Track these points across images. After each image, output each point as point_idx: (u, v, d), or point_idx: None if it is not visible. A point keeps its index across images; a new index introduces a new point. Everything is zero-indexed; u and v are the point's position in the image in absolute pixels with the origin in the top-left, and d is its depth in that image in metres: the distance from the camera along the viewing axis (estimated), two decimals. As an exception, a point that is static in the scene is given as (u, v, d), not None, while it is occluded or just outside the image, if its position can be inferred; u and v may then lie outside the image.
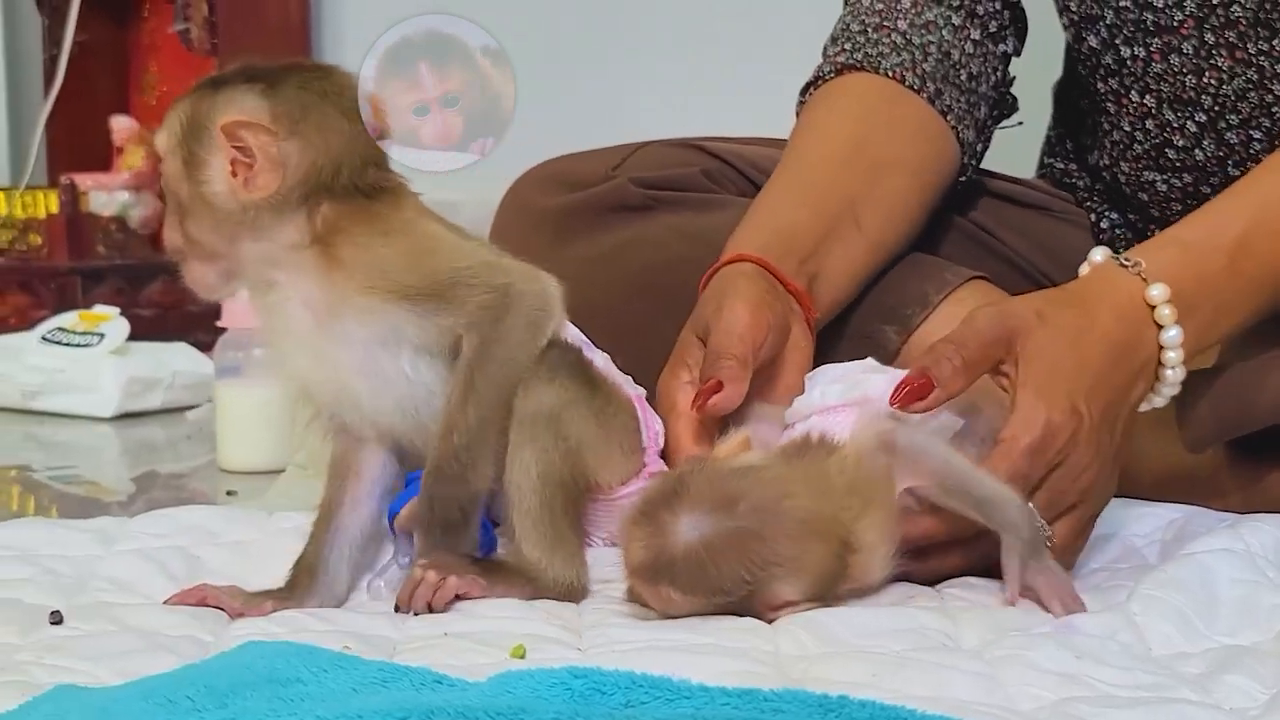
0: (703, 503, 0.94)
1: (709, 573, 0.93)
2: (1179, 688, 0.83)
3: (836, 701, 0.72)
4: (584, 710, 0.71)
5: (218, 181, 1.01)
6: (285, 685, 0.77)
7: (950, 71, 1.27)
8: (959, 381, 0.98)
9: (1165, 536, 1.11)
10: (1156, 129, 1.25)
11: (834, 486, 0.96)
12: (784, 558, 0.94)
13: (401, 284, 1.00)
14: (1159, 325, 1.03)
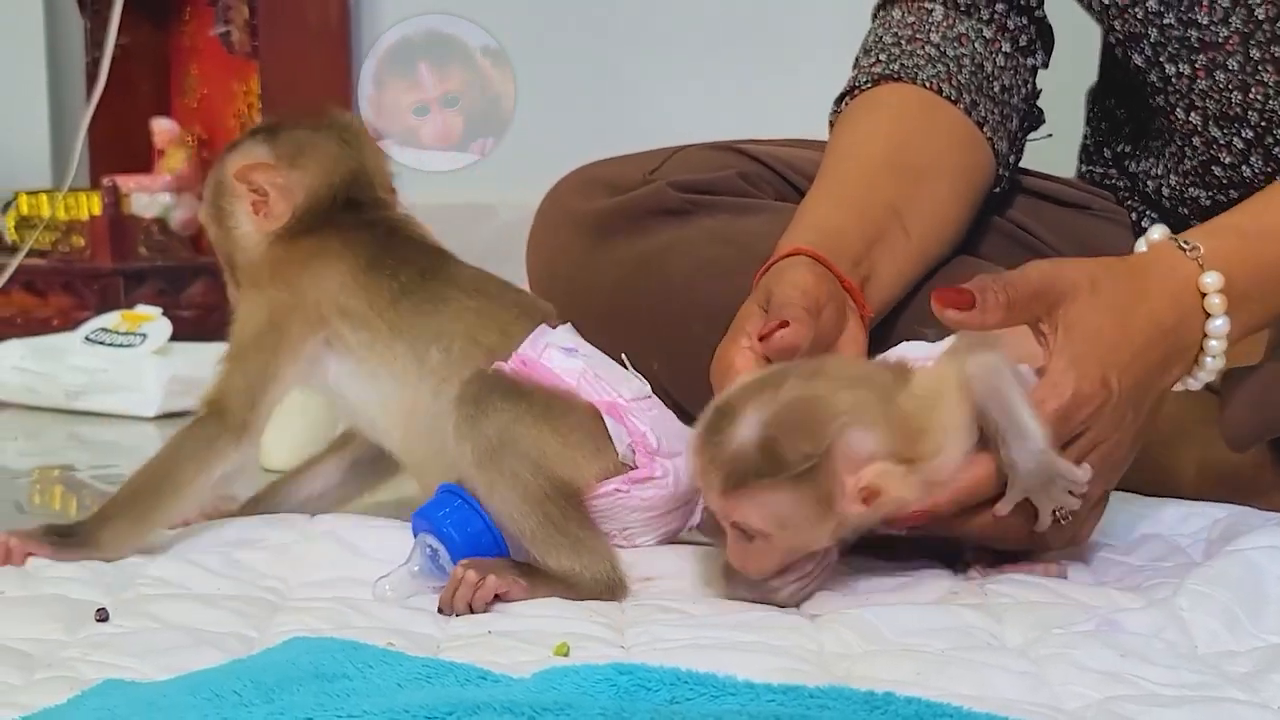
0: (750, 403, 0.94)
1: (781, 452, 0.91)
2: (1226, 687, 0.83)
3: (882, 698, 0.72)
4: (629, 706, 0.71)
5: (244, 223, 1.15)
6: (331, 681, 0.77)
7: (984, 83, 1.27)
8: (997, 315, 0.98)
9: (1211, 535, 1.11)
10: (1203, 145, 1.25)
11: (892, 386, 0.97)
12: (844, 406, 0.93)
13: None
14: (1207, 313, 1.03)
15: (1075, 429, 0.98)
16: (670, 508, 1.08)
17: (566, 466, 1.04)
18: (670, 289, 1.27)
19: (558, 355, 1.09)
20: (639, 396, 1.09)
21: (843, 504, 0.94)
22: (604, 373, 1.09)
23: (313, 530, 1.12)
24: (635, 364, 1.27)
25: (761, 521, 0.94)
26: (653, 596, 1.01)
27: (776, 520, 0.94)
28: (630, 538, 1.08)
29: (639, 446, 1.07)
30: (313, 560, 1.07)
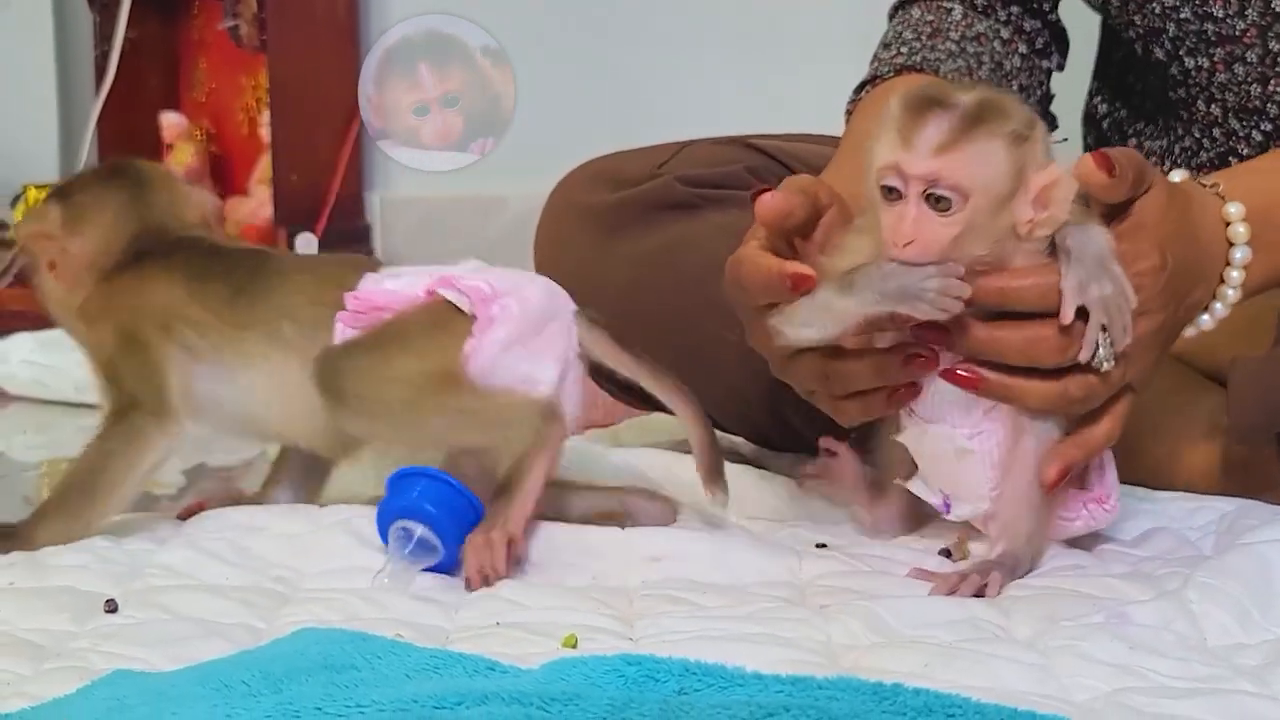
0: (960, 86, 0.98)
1: (1009, 109, 0.95)
2: (1236, 679, 0.83)
3: (890, 690, 0.72)
4: (637, 697, 0.71)
5: (48, 281, 1.17)
6: (339, 671, 0.78)
7: (1003, 81, 1.28)
8: (1124, 189, 0.97)
9: (1219, 528, 1.11)
10: (1223, 137, 1.25)
11: None
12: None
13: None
14: (1230, 243, 1.04)
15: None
16: (535, 330, 1.10)
17: (434, 375, 1.08)
18: (680, 284, 1.27)
19: (385, 279, 1.12)
20: (472, 269, 1.12)
21: (1023, 199, 0.95)
22: (435, 269, 1.12)
23: (322, 520, 1.12)
24: None
25: (969, 178, 0.93)
26: (661, 585, 1.00)
27: (983, 178, 0.94)
28: (532, 382, 1.08)
29: (476, 300, 1.09)
30: (322, 550, 1.07)
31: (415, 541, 1.02)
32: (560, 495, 1.12)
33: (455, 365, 1.07)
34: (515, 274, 1.13)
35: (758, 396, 1.28)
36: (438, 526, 1.02)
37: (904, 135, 0.95)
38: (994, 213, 0.95)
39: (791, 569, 1.04)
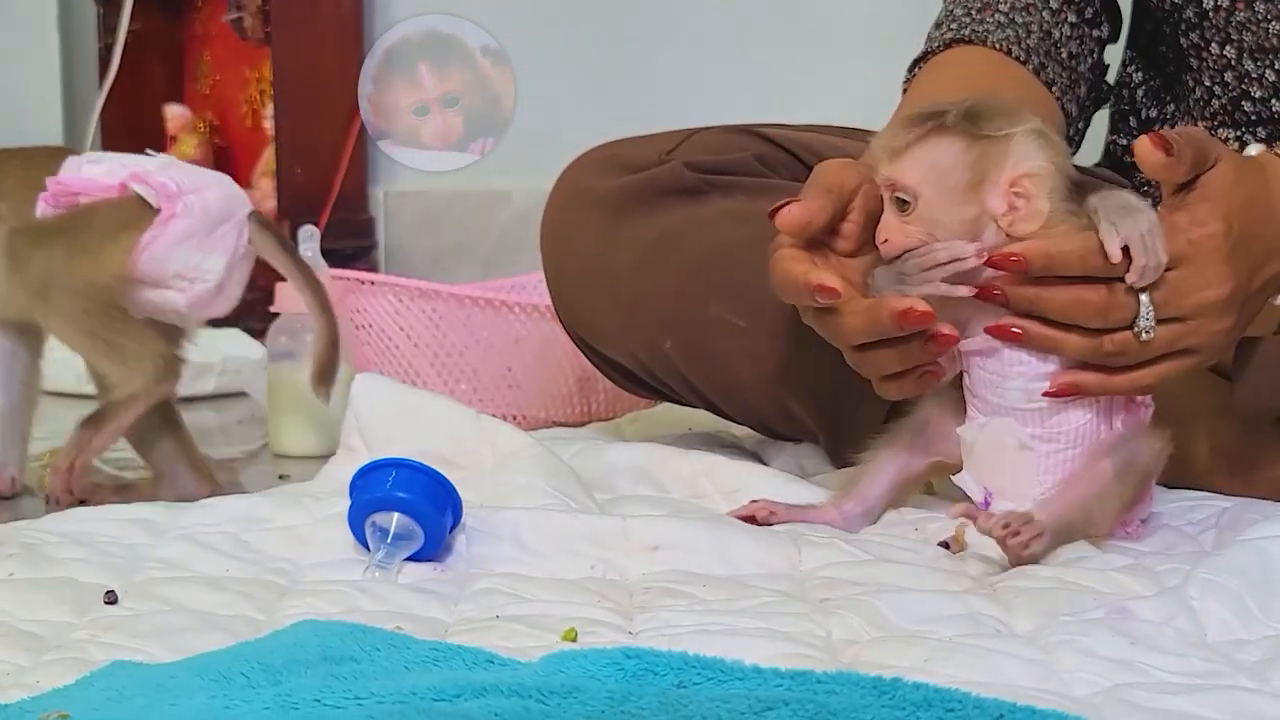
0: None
1: (977, 114, 1.01)
2: (1235, 675, 0.83)
3: (890, 684, 0.72)
4: (636, 690, 0.71)
5: None
6: (339, 663, 0.78)
7: (1052, 49, 1.29)
8: (1183, 168, 1.01)
9: (1220, 523, 1.10)
10: (1235, 81, 1.25)
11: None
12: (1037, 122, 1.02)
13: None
14: None
15: (1181, 246, 1.00)
16: (212, 227, 1.30)
17: (102, 267, 1.27)
18: (686, 269, 1.27)
19: (86, 165, 1.31)
20: (164, 164, 1.31)
21: (992, 194, 1.01)
22: (131, 161, 1.31)
23: (321, 512, 1.12)
24: (647, 343, 1.27)
25: (916, 178, 1.01)
26: (661, 578, 1.00)
27: (930, 177, 1.01)
28: (201, 272, 1.29)
29: (161, 194, 1.28)
30: (321, 543, 1.07)
31: (394, 532, 1.02)
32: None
33: (125, 271, 1.27)
34: (201, 172, 1.33)
35: (760, 384, 1.28)
36: (414, 513, 1.02)
37: (877, 149, 1.04)
38: (952, 205, 1.01)
39: (791, 560, 1.04)
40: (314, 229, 1.58)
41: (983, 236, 1.02)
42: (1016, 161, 1.01)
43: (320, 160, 2.48)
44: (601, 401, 1.67)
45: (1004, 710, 0.68)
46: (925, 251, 1.01)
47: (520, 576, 1.01)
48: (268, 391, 1.57)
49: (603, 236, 1.30)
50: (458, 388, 1.63)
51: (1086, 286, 1.01)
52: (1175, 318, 1.02)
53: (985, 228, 1.02)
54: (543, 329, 1.63)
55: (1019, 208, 1.01)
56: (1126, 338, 1.01)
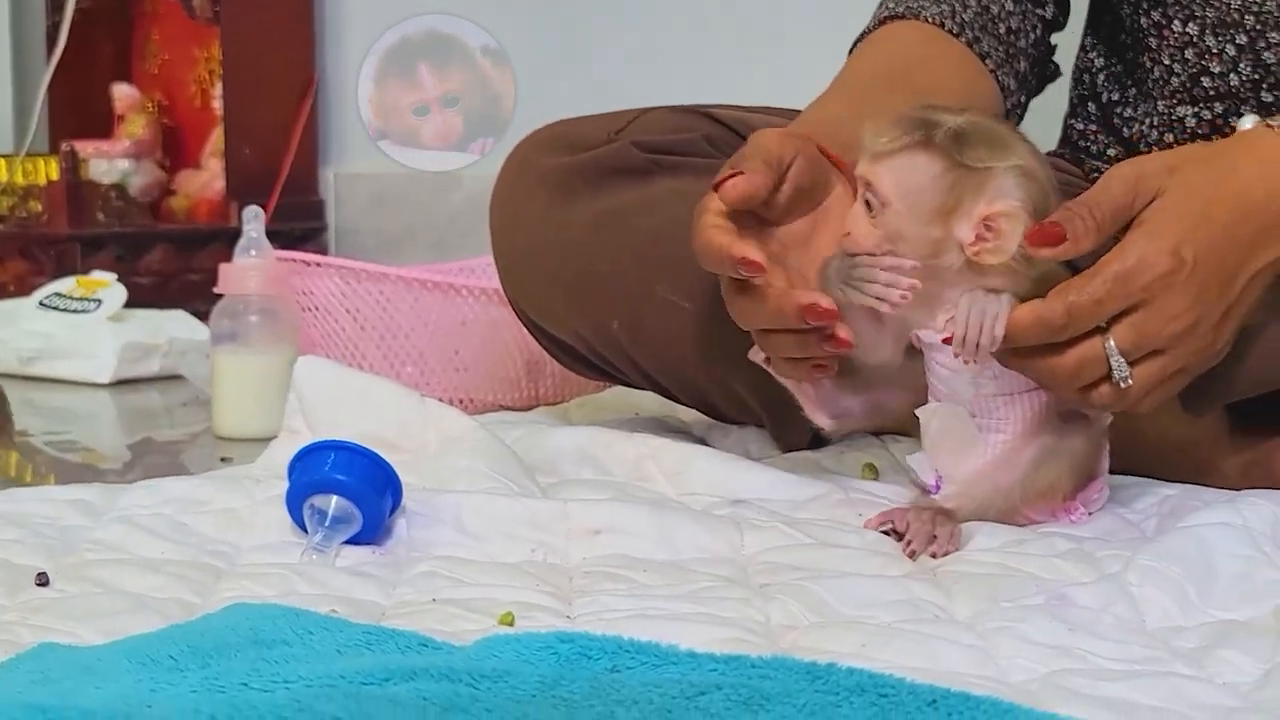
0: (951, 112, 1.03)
1: (963, 141, 1.00)
2: (1172, 661, 0.83)
3: (825, 669, 0.71)
4: (569, 674, 0.70)
5: None
6: (270, 647, 0.77)
7: (989, 23, 1.29)
8: (1090, 240, 1.00)
9: (1162, 510, 1.11)
10: (1195, 57, 1.25)
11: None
12: (1026, 161, 1.01)
13: None
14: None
15: (1135, 295, 0.99)
16: None
17: None
18: (633, 249, 1.26)
19: None
20: None
21: (961, 223, 1.00)
22: None
23: (260, 495, 1.11)
24: (594, 323, 1.27)
25: (891, 187, 1.01)
26: (601, 562, 1.00)
27: (904, 187, 1.00)
28: None
29: None
30: (260, 525, 1.06)
31: (332, 514, 1.01)
32: None
33: None
34: None
35: (706, 366, 1.27)
36: (353, 495, 1.01)
37: (865, 143, 1.02)
38: (919, 223, 1.01)
39: (733, 544, 1.03)
40: (258, 209, 1.56)
41: (944, 259, 1.01)
42: (993, 198, 1.00)
43: (270, 141, 2.47)
44: (549, 386, 1.66)
45: (938, 695, 0.68)
46: (871, 263, 1.01)
47: (459, 560, 1.00)
48: (211, 374, 1.56)
49: (550, 215, 1.29)
50: (404, 371, 1.62)
51: (1055, 352, 1.01)
52: (1154, 352, 1.01)
53: (948, 251, 1.01)
54: (491, 312, 1.62)
55: (987, 240, 1.00)
56: (1110, 389, 1.01)
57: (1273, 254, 1.03)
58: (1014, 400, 1.05)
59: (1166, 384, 1.03)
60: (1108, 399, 1.02)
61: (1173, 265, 0.99)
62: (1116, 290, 0.99)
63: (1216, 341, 1.03)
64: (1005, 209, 0.99)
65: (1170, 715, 0.75)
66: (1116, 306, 1.00)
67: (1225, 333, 1.03)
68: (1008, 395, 1.05)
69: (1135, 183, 1.02)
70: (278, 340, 1.53)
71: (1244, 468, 1.16)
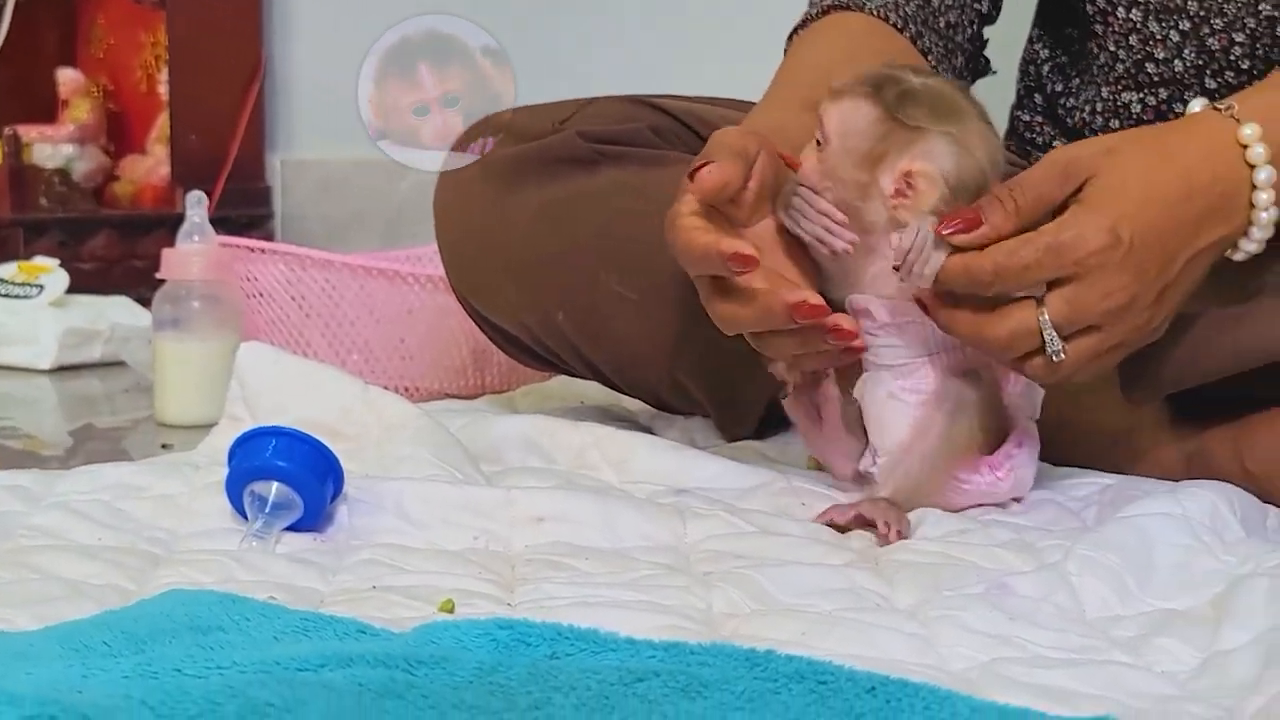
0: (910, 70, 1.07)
1: (907, 99, 1.03)
2: (1111, 650, 0.83)
3: (763, 656, 0.71)
4: (506, 661, 0.70)
5: None
6: (206, 633, 0.76)
7: (930, 17, 1.29)
8: (1009, 225, 1.01)
9: (1102, 499, 1.11)
10: (1140, 43, 1.26)
11: None
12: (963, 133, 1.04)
13: None
14: (1251, 165, 1.04)
15: (1067, 268, 1.00)
16: None
17: None
18: (578, 239, 1.26)
19: None
20: None
21: (886, 174, 1.04)
22: None
23: (200, 481, 1.10)
24: (539, 314, 1.26)
25: (832, 125, 1.05)
26: (544, 550, 0.99)
27: (844, 128, 1.05)
28: None
29: None
30: (199, 512, 1.05)
31: (272, 501, 1.00)
32: None
33: None
34: None
35: (652, 357, 1.27)
36: (294, 482, 1.00)
37: (829, 86, 1.07)
38: (850, 164, 1.05)
39: (676, 533, 1.03)
40: (202, 195, 1.55)
41: (869, 204, 1.04)
42: (916, 156, 1.03)
43: (216, 127, 2.45)
44: (496, 374, 1.66)
45: (876, 683, 0.68)
46: (807, 197, 1.06)
47: (401, 547, 1.00)
48: (153, 360, 1.54)
49: (495, 204, 1.28)
50: (350, 358, 1.61)
51: (989, 322, 1.02)
52: (1088, 328, 1.02)
53: (873, 199, 1.05)
54: (437, 300, 1.61)
55: (907, 196, 1.03)
56: (1044, 361, 1.02)
57: (1214, 235, 1.04)
58: (934, 360, 1.07)
59: (1101, 359, 1.04)
60: (1040, 371, 1.03)
61: (1109, 242, 1.00)
62: (1047, 260, 1.00)
63: (1153, 320, 1.04)
64: (924, 168, 1.03)
65: (1108, 704, 0.75)
66: (1045, 275, 1.00)
67: (1162, 311, 1.04)
68: (932, 355, 1.07)
69: (1065, 167, 1.02)
70: (220, 326, 1.52)
71: (1184, 458, 1.17)
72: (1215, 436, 1.15)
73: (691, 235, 1.03)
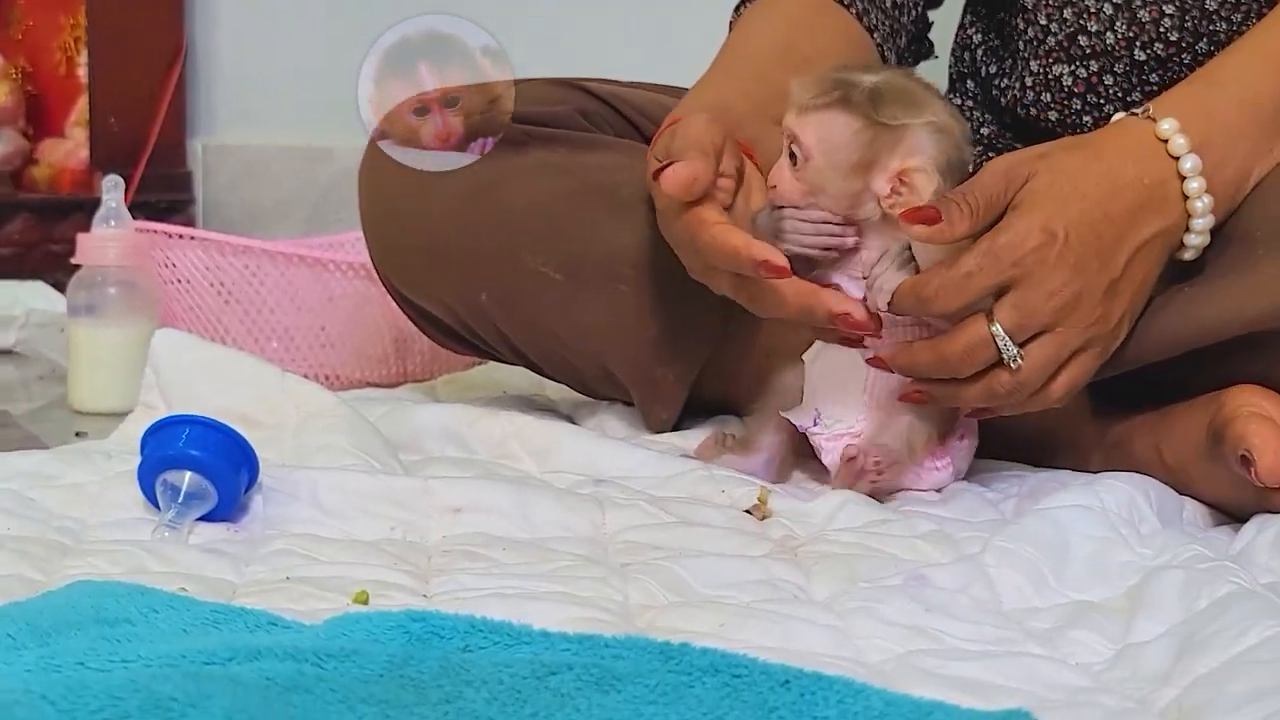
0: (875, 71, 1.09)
1: (878, 100, 1.05)
2: (1026, 642, 0.83)
3: (677, 649, 0.70)
4: (419, 654, 0.69)
5: None
6: (112, 625, 0.74)
7: (874, 2, 1.29)
8: (964, 224, 1.03)
9: (1021, 492, 1.12)
10: (1073, 16, 1.26)
11: None
12: (942, 121, 1.06)
13: None
14: (1175, 157, 1.06)
15: (1007, 270, 1.02)
16: None
17: None
18: (503, 220, 1.25)
19: None
20: None
21: (879, 177, 1.05)
22: None
23: (112, 470, 1.08)
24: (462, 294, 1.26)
25: (812, 140, 1.06)
26: (461, 540, 0.98)
27: (826, 143, 1.06)
28: None
29: None
30: (110, 501, 1.03)
31: (185, 491, 0.99)
32: None
33: None
34: None
35: (575, 339, 1.27)
36: (207, 471, 0.99)
37: (793, 97, 1.08)
38: (839, 177, 1.06)
39: (595, 523, 1.02)
40: (118, 179, 1.53)
41: (862, 209, 1.06)
42: (906, 153, 1.05)
43: (136, 110, 2.41)
44: (418, 363, 1.64)
45: (791, 676, 0.67)
46: (799, 216, 1.07)
47: (316, 538, 0.98)
48: (68, 346, 1.52)
49: (419, 184, 1.27)
50: (269, 346, 1.59)
51: (945, 340, 1.04)
52: (1042, 331, 1.03)
53: (866, 203, 1.06)
54: (360, 288, 1.59)
55: (902, 194, 1.05)
56: (1009, 376, 1.03)
57: (1152, 228, 1.05)
58: (893, 327, 1.08)
59: (1072, 369, 1.05)
60: (1006, 385, 1.03)
61: (1043, 240, 1.02)
62: (987, 265, 1.01)
63: (1109, 318, 1.05)
64: (917, 164, 1.05)
65: (1022, 696, 0.75)
66: (988, 281, 1.02)
67: (1117, 309, 1.05)
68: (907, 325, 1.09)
69: (1006, 170, 1.04)
70: (136, 313, 1.50)
71: (1104, 450, 1.18)
72: (1134, 428, 1.16)
73: (718, 232, 1.06)
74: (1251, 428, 1.03)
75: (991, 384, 1.04)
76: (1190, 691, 0.73)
